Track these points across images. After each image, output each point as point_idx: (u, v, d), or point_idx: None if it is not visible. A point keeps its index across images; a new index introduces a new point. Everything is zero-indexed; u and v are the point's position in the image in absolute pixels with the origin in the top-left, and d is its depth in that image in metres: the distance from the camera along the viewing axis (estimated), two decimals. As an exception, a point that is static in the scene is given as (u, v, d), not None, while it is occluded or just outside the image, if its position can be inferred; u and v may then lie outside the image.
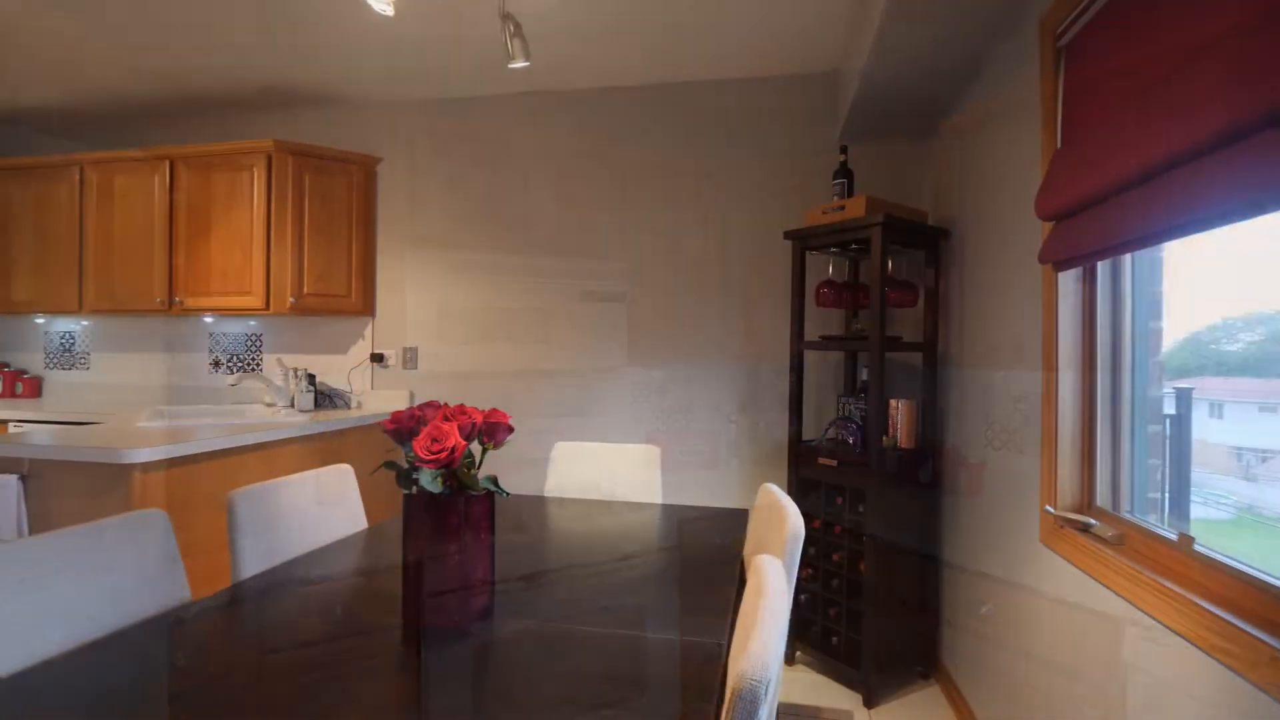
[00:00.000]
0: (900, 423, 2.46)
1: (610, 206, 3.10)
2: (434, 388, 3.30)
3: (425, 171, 3.32)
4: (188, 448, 2.05)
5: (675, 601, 1.27)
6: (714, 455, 2.99)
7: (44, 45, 2.81)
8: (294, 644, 1.08)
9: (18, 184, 3.40)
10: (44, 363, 3.82)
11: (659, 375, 3.04)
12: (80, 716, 0.86)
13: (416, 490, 1.13)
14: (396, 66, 2.96)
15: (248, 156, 3.08)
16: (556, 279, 3.16)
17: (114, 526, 1.17)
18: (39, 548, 1.06)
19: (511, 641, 1.10)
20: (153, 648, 1.06)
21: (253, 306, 3.08)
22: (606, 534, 1.72)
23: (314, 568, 1.42)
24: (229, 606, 1.22)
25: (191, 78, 3.14)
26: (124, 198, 3.25)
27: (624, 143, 3.09)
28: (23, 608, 1.00)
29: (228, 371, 3.54)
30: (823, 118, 2.90)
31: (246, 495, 1.42)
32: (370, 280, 3.36)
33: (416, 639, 1.10)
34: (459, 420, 1.11)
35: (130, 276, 3.25)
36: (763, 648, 0.66)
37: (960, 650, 2.25)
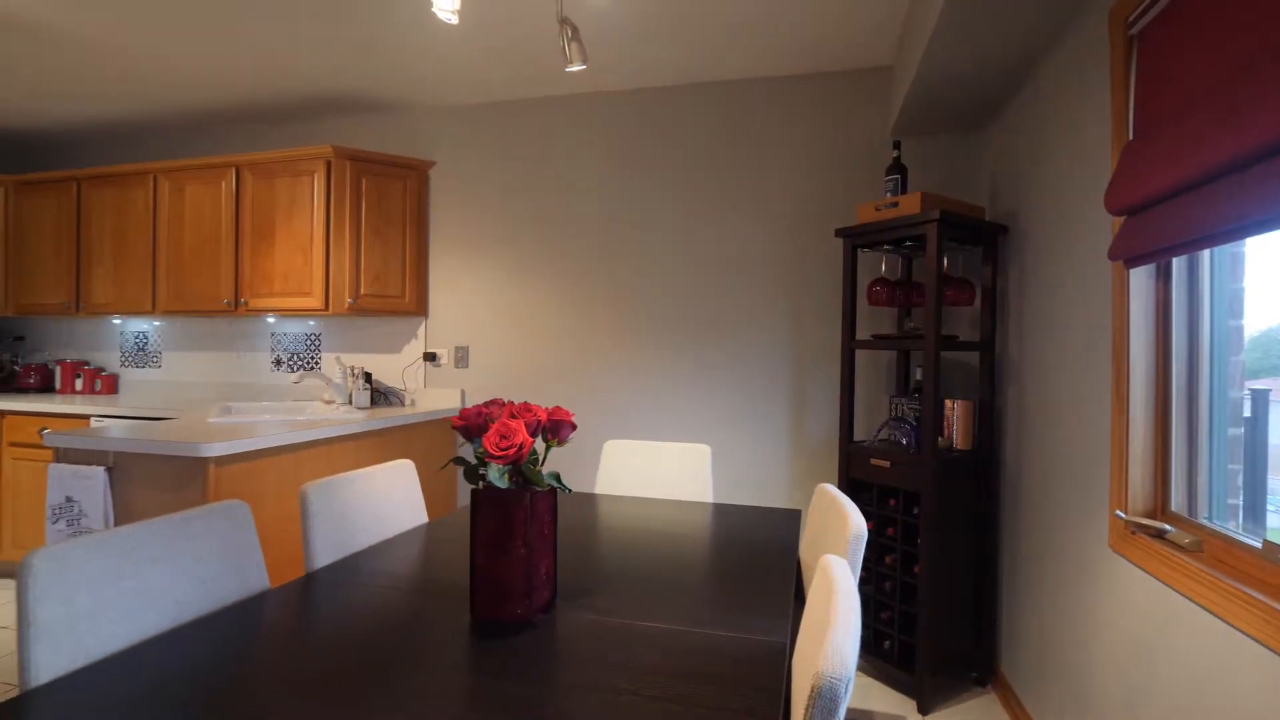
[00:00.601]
0: (956, 423, 2.40)
1: (658, 206, 3.11)
2: (484, 386, 3.36)
3: (476, 174, 3.39)
4: (257, 443, 2.14)
5: (734, 599, 1.28)
6: (762, 455, 2.97)
7: (121, 62, 2.97)
8: (367, 631, 1.12)
9: (98, 193, 3.60)
10: (120, 361, 4.04)
11: (707, 374, 3.04)
12: (175, 694, 0.91)
13: (483, 485, 1.17)
14: (449, 72, 3.03)
15: (308, 162, 3.20)
16: (604, 278, 3.19)
17: (200, 516, 1.23)
18: (134, 536, 1.13)
19: (575, 634, 1.12)
20: (238, 632, 1.11)
21: (313, 307, 3.19)
22: (660, 531, 1.73)
23: (382, 559, 1.47)
24: (305, 594, 1.27)
25: (257, 89, 3.27)
26: (194, 204, 3.41)
27: (672, 142, 3.09)
28: (122, 592, 1.07)
29: (289, 370, 3.68)
30: (873, 113, 2.86)
31: (319, 488, 1.48)
32: (423, 281, 3.45)
33: (484, 630, 1.13)
34: (525, 417, 1.14)
35: (199, 279, 3.41)
36: (842, 646, 0.66)
37: (1020, 658, 2.19)
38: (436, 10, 1.32)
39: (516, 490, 1.14)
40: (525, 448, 1.08)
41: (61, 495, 2.08)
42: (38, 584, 0.96)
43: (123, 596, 1.07)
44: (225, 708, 0.88)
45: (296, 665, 1.00)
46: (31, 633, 0.94)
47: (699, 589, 1.33)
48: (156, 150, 4.00)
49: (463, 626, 1.15)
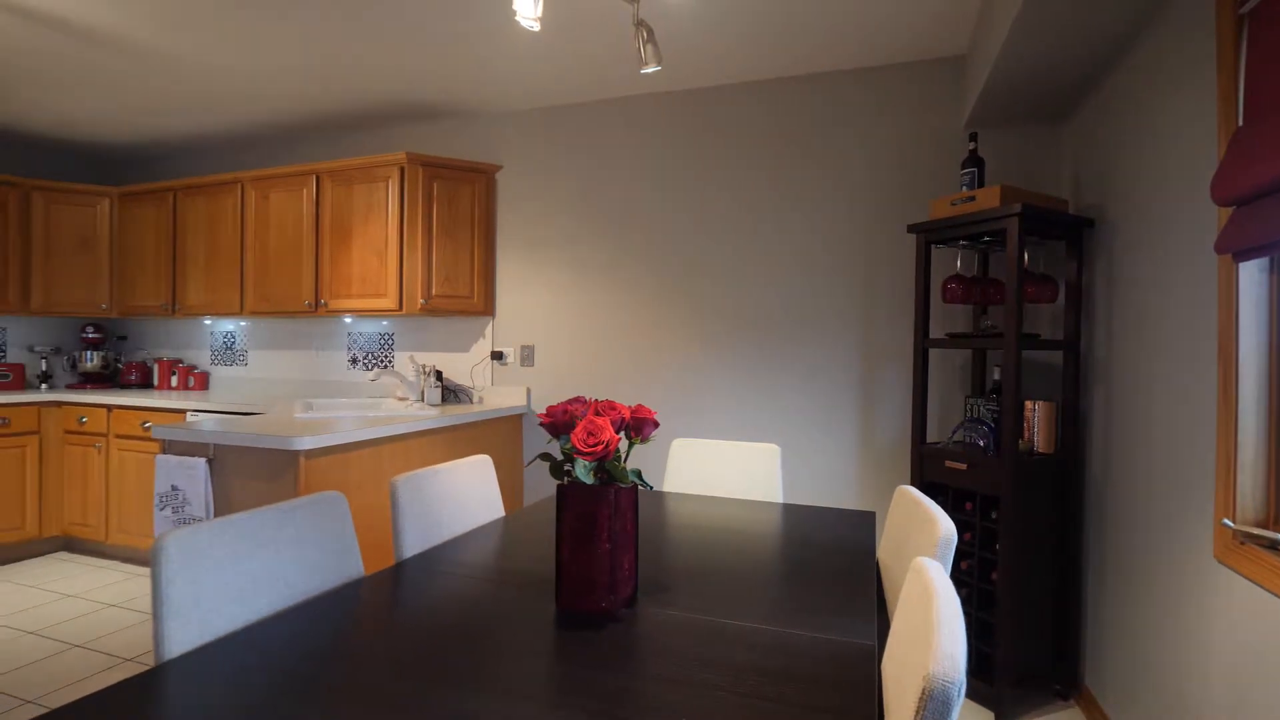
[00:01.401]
0: (1037, 425, 2.31)
1: (722, 205, 3.11)
2: (549, 384, 3.43)
3: (541, 176, 3.46)
4: (343, 437, 2.25)
5: (815, 600, 1.27)
6: (828, 455, 2.93)
7: (216, 80, 3.16)
8: (457, 618, 1.17)
9: (192, 201, 3.85)
10: (210, 359, 4.30)
11: (771, 374, 3.02)
12: (287, 671, 0.97)
13: (568, 480, 1.20)
14: (515, 78, 3.10)
15: (383, 169, 3.33)
16: (668, 278, 3.20)
17: (304, 505, 1.31)
18: (249, 522, 1.20)
19: (660, 629, 1.13)
20: (340, 615, 1.18)
21: (387, 308, 3.32)
22: (733, 530, 1.73)
23: (466, 550, 1.53)
24: (398, 582, 1.33)
25: (335, 99, 3.43)
26: (278, 210, 3.61)
27: (735, 141, 3.08)
28: (239, 574, 1.15)
29: (363, 368, 3.84)
30: (947, 105, 2.77)
31: (407, 481, 1.54)
32: (490, 281, 3.55)
33: (569, 620, 1.16)
34: (610, 415, 1.16)
35: (283, 281, 3.59)
36: (952, 649, 0.66)
37: (1108, 672, 2.09)
38: (520, 19, 1.36)
39: (601, 486, 1.17)
40: (612, 445, 1.10)
41: (168, 484, 2.23)
42: (170, 565, 1.04)
43: (239, 579, 1.14)
44: (333, 684, 0.93)
45: (395, 647, 1.05)
46: (164, 610, 1.02)
47: (778, 588, 1.33)
48: (244, 160, 4.24)
49: (548, 616, 1.19)
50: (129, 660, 2.55)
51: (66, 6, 2.50)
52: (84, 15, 2.57)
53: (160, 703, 0.89)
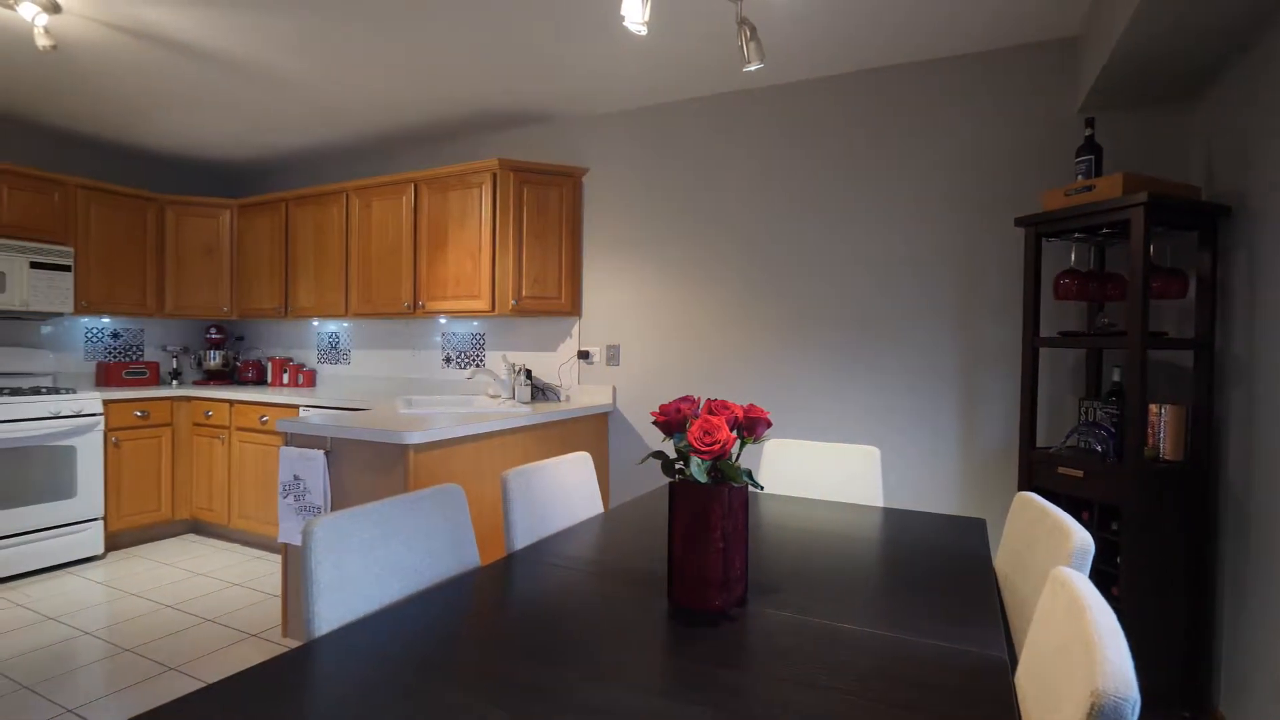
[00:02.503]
0: (1164, 430, 2.15)
1: (812, 201, 3.05)
2: (635, 384, 3.47)
3: (626, 178, 3.50)
4: (448, 432, 2.36)
5: (933, 607, 1.23)
6: (925, 459, 2.82)
7: (326, 96, 3.37)
8: (572, 609, 1.20)
9: (301, 211, 4.12)
10: (316, 358, 4.60)
11: (864, 375, 2.94)
12: (419, 652, 1.03)
13: (681, 478, 1.21)
14: (601, 82, 3.15)
15: (477, 175, 3.46)
16: (755, 277, 3.18)
17: (428, 497, 1.38)
18: (382, 511, 1.28)
19: (776, 630, 1.13)
20: (463, 601, 1.24)
21: (480, 309, 3.45)
22: (837, 533, 1.70)
23: (573, 544, 1.57)
24: (513, 573, 1.39)
25: (433, 110, 3.59)
26: (379, 218, 3.81)
27: (825, 135, 3.02)
28: (375, 559, 1.23)
29: (457, 366, 4.00)
30: (1055, 91, 2.61)
31: (517, 475, 1.60)
32: (577, 282, 3.62)
33: (682, 616, 1.17)
34: (724, 415, 1.16)
35: (383, 284, 3.80)
36: (1121, 664, 0.62)
37: (1249, 697, 1.92)
38: (628, 24, 1.38)
39: (715, 485, 1.17)
40: (729, 444, 1.11)
41: (290, 474, 2.40)
42: (318, 548, 1.12)
43: (375, 563, 1.22)
44: (465, 666, 0.98)
45: (519, 634, 1.09)
46: (314, 590, 1.10)
47: (891, 594, 1.30)
48: (348, 171, 4.50)
49: (661, 612, 1.20)
50: (254, 635, 2.76)
51: (201, 35, 2.74)
52: (215, 42, 2.80)
53: (315, 675, 0.96)
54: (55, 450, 3.51)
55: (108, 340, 4.36)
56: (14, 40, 2.82)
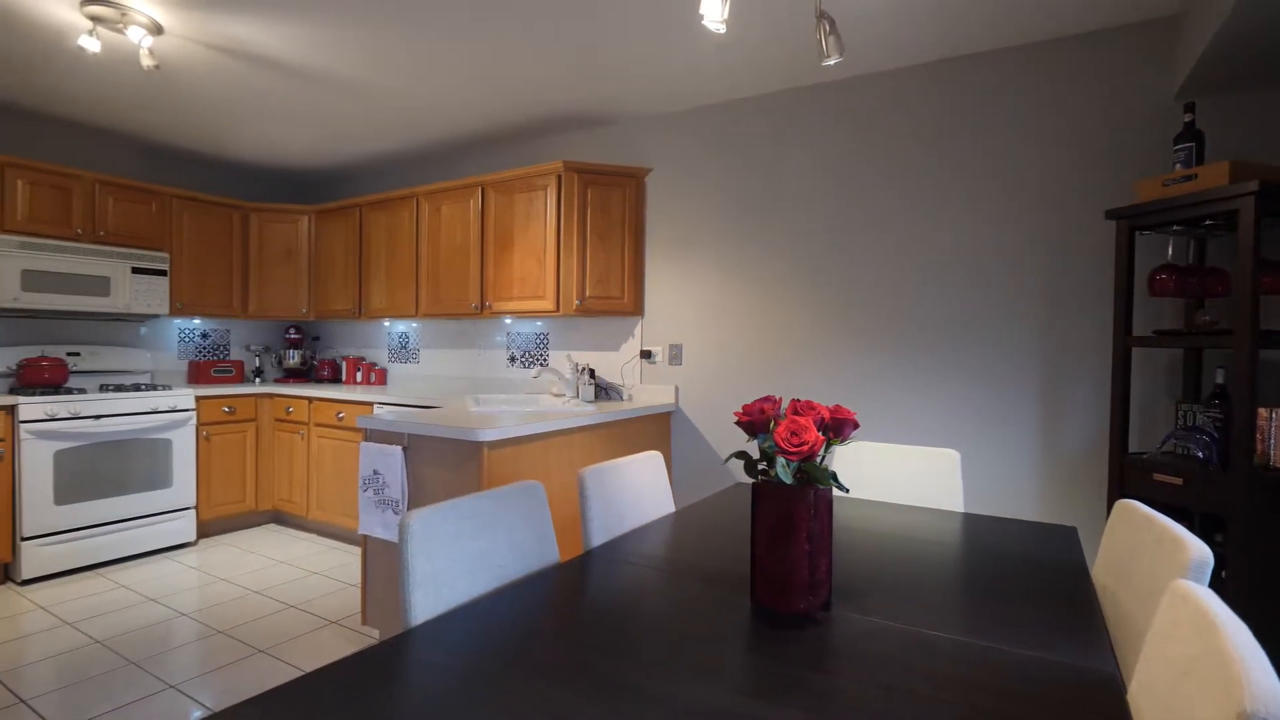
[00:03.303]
0: (1275, 436, 2.00)
1: (883, 198, 2.97)
2: (698, 383, 3.46)
3: (689, 177, 3.50)
4: (520, 430, 2.41)
5: (1028, 617, 1.18)
6: (1003, 464, 2.71)
7: (400, 105, 3.50)
8: (655, 608, 1.21)
9: (374, 216, 4.29)
10: (387, 357, 4.77)
11: (938, 376, 2.85)
12: (508, 644, 1.05)
13: (765, 479, 1.20)
14: (664, 81, 3.15)
15: (541, 178, 3.52)
16: (823, 276, 3.12)
17: (512, 493, 1.42)
18: (469, 506, 1.32)
19: (863, 635, 1.11)
20: (546, 596, 1.26)
21: (545, 309, 3.51)
22: (918, 539, 1.65)
23: (649, 543, 1.58)
24: (593, 569, 1.40)
25: (500, 115, 3.67)
26: (448, 221, 3.92)
27: (896, 129, 2.94)
28: (464, 552, 1.27)
29: (521, 365, 4.08)
30: (1150, 74, 2.47)
31: (593, 473, 1.62)
32: (639, 282, 3.64)
33: (766, 618, 1.16)
34: (809, 415, 1.15)
35: (452, 286, 3.90)
36: (1270, 683, 0.58)
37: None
38: (707, 23, 1.38)
39: (800, 486, 1.16)
40: (817, 445, 1.09)
41: (370, 469, 2.50)
42: (414, 541, 1.17)
43: (464, 557, 1.26)
44: (552, 660, 1.00)
45: (602, 630, 1.11)
46: (411, 581, 1.14)
47: (984, 602, 1.25)
48: (418, 176, 4.65)
49: (744, 612, 1.20)
50: (334, 622, 2.89)
51: (285, 50, 2.88)
52: (297, 57, 2.94)
53: (415, 663, 1.00)
54: (154, 443, 3.76)
55: (198, 340, 4.64)
56: (121, 61, 3.03)
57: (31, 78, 3.25)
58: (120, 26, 2.61)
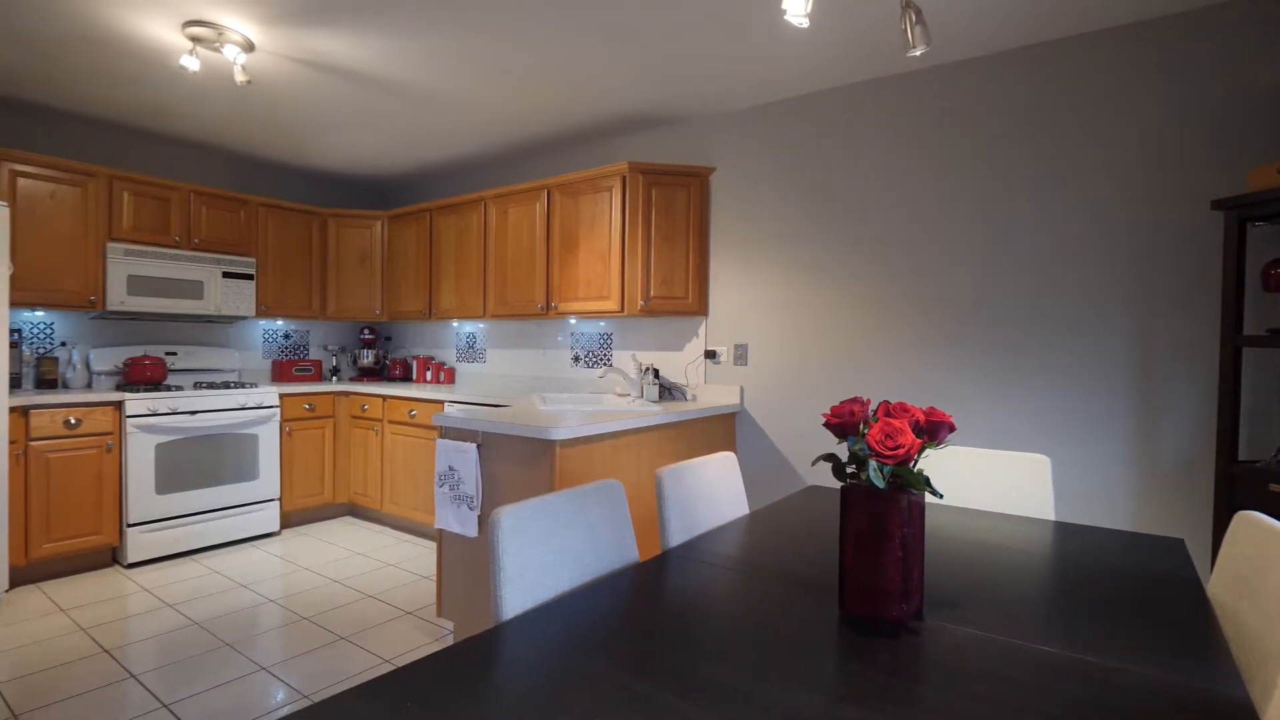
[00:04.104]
0: None
1: (964, 190, 2.86)
2: (764, 383, 3.42)
3: (755, 175, 3.46)
4: (591, 429, 2.43)
5: (1140, 634, 1.11)
6: (1091, 471, 2.57)
7: (470, 111, 3.59)
8: (740, 611, 1.20)
9: (444, 219, 4.41)
10: (455, 356, 4.90)
11: (1018, 377, 2.72)
12: (593, 641, 1.06)
13: (855, 482, 1.17)
14: (729, 79, 3.12)
15: (607, 179, 3.55)
16: (895, 274, 3.03)
17: (592, 491, 1.43)
18: (554, 503, 1.34)
19: (962, 647, 1.07)
20: (629, 594, 1.27)
21: (610, 309, 3.53)
22: (1010, 547, 1.58)
23: (727, 544, 1.57)
24: (672, 569, 1.40)
25: (567, 118, 3.72)
26: (514, 224, 4.00)
27: (981, 118, 2.82)
28: (550, 549, 1.29)
29: (585, 365, 4.13)
30: (1268, 52, 2.29)
31: (671, 473, 1.62)
32: (704, 282, 3.62)
33: (856, 625, 1.13)
34: (903, 418, 1.11)
35: (518, 287, 3.98)
36: None
37: None
38: (789, 18, 1.36)
39: (894, 491, 1.13)
40: (913, 448, 1.06)
41: (446, 465, 2.58)
42: (504, 538, 1.19)
43: (549, 554, 1.28)
44: (642, 658, 1.00)
45: (688, 630, 1.10)
46: (501, 577, 1.17)
47: (1089, 616, 1.19)
48: (486, 180, 4.77)
49: (831, 619, 1.17)
50: (410, 613, 2.99)
51: (363, 61, 3.00)
52: (374, 67, 3.06)
53: (507, 657, 1.02)
54: (242, 438, 3.98)
55: (280, 340, 4.89)
56: (215, 78, 3.22)
57: (137, 96, 3.49)
58: (217, 45, 2.77)
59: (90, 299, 3.67)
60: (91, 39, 2.83)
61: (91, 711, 2.18)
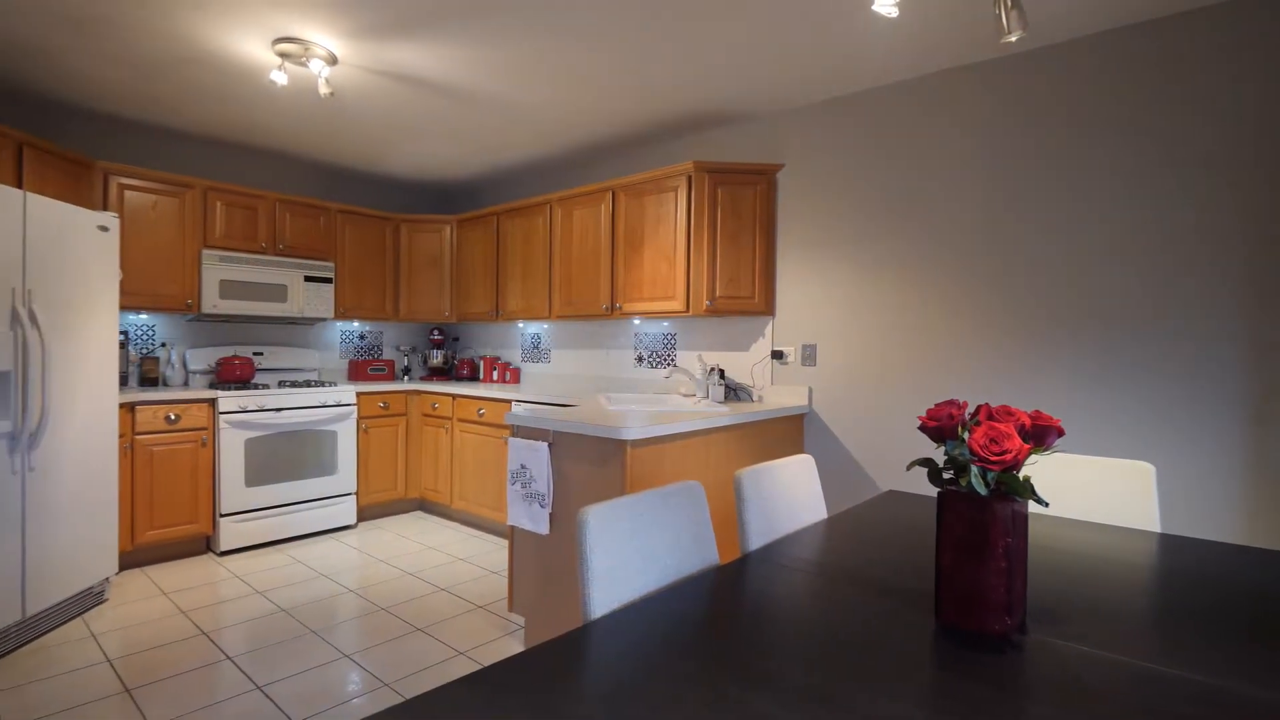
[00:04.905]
0: None
1: (1046, 185, 2.72)
2: (833, 385, 3.34)
3: (824, 171, 3.38)
4: (662, 429, 2.44)
5: (1249, 652, 1.03)
6: (1196, 479, 2.40)
7: (538, 116, 3.65)
8: (828, 618, 1.17)
9: (510, 223, 4.50)
10: (520, 357, 5.00)
11: (1122, 377, 2.57)
12: (679, 643, 1.06)
13: (953, 489, 1.13)
14: (798, 73, 3.07)
15: (671, 179, 3.54)
16: (974, 270, 2.91)
17: (675, 492, 1.43)
18: (638, 504, 1.35)
19: (1070, 663, 1.01)
20: (713, 597, 1.26)
21: (675, 310, 3.53)
22: (1117, 560, 1.49)
23: (808, 549, 1.53)
24: (754, 573, 1.38)
25: (632, 119, 3.73)
26: (579, 225, 4.05)
27: (1072, 105, 2.68)
28: (635, 550, 1.29)
29: (648, 366, 4.13)
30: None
31: (750, 475, 1.60)
32: (771, 281, 3.57)
33: (954, 637, 1.09)
34: (1008, 421, 1.06)
35: (583, 288, 4.02)
36: None
37: None
38: (876, 7, 1.32)
39: (997, 498, 1.08)
40: (1021, 454, 1.01)
41: (518, 463, 2.63)
42: (591, 536, 1.20)
43: (634, 554, 1.28)
44: (732, 661, 0.99)
45: (774, 634, 1.08)
46: (590, 575, 1.18)
47: (1209, 636, 1.10)
48: (552, 183, 4.84)
49: (926, 630, 1.13)
50: (481, 607, 3.06)
51: (438, 70, 3.09)
52: (448, 76, 3.14)
53: (601, 655, 1.03)
54: (322, 434, 4.16)
55: (356, 341, 5.10)
56: (300, 92, 3.38)
57: (229, 111, 3.71)
58: (303, 60, 2.91)
59: (187, 302, 3.92)
60: (191, 59, 3.02)
61: (193, 690, 2.32)
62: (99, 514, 3.02)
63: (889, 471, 3.15)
